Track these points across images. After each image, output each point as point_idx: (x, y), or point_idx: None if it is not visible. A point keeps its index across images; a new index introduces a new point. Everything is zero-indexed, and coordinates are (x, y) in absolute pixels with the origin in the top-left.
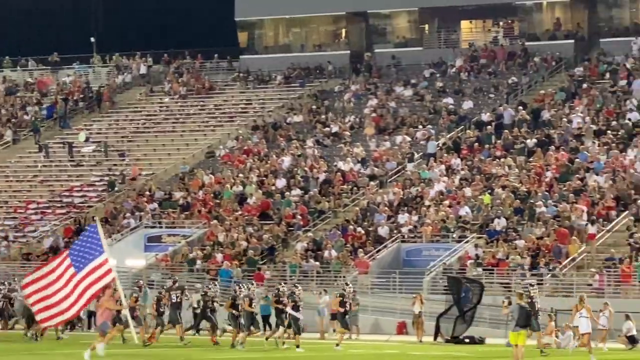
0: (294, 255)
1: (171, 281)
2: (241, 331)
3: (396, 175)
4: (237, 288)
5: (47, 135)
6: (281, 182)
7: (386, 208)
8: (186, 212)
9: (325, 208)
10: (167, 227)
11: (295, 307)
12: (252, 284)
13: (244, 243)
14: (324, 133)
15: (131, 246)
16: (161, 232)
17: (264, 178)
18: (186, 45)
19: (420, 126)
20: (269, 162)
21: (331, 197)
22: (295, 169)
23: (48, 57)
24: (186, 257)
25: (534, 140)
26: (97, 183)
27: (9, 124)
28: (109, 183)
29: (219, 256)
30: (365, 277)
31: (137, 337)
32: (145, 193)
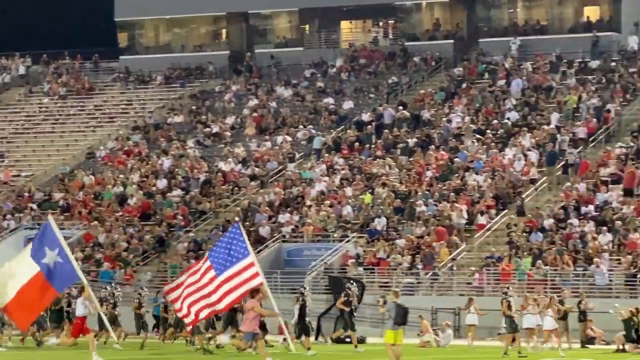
0: (175, 255)
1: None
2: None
3: (277, 175)
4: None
5: None
6: (162, 183)
7: (267, 208)
8: (66, 213)
9: (206, 208)
10: None
11: None
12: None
13: (124, 244)
14: (205, 133)
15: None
16: None
17: (145, 179)
18: (66, 45)
19: (301, 126)
20: (150, 163)
21: (212, 198)
22: (176, 170)
23: None
24: None
25: (414, 139)
26: None
27: None
28: None
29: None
30: None
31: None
32: (24, 194)
